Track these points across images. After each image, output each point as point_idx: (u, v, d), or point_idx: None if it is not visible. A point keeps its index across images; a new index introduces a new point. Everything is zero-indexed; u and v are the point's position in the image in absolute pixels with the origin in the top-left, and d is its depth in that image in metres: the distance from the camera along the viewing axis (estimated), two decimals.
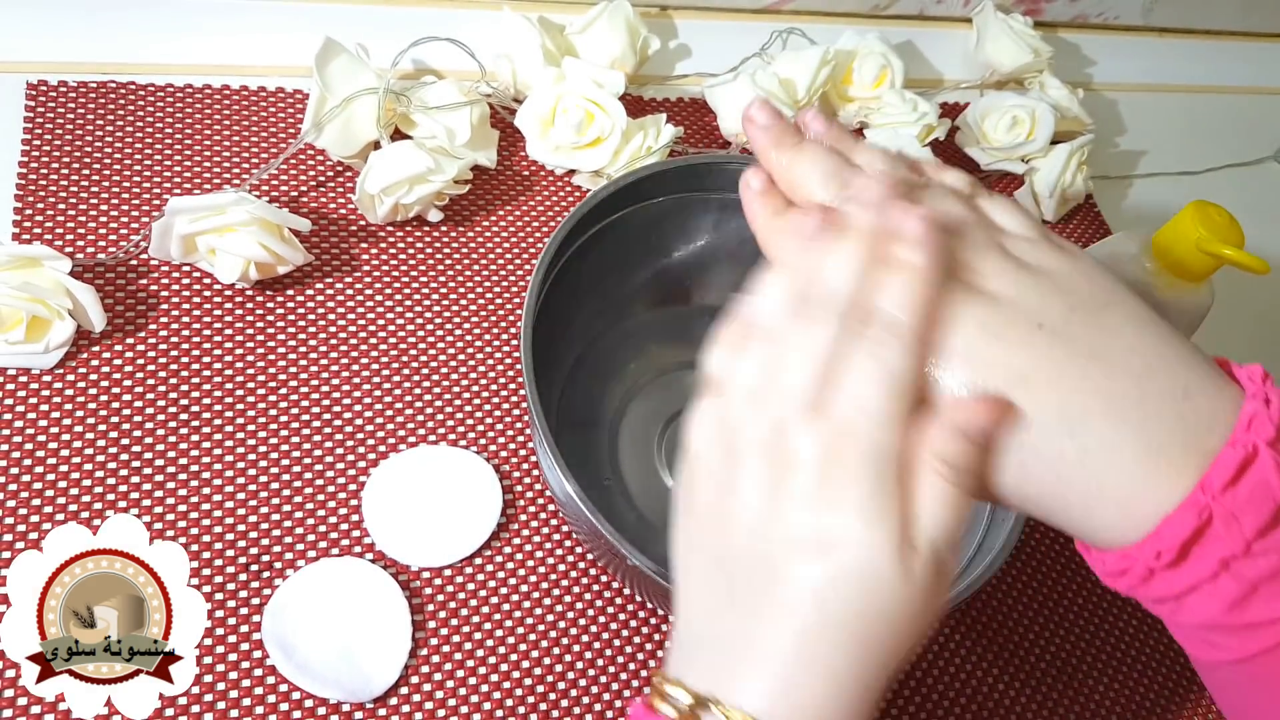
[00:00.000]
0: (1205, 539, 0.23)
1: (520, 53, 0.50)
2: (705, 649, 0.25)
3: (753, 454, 0.24)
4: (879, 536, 0.23)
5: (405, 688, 0.36)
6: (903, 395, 0.24)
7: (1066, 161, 0.56)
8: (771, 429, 0.24)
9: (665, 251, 0.45)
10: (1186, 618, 0.25)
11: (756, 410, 0.24)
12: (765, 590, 0.24)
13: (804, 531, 0.23)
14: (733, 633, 0.24)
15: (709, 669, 0.24)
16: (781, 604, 0.23)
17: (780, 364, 0.24)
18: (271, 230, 0.41)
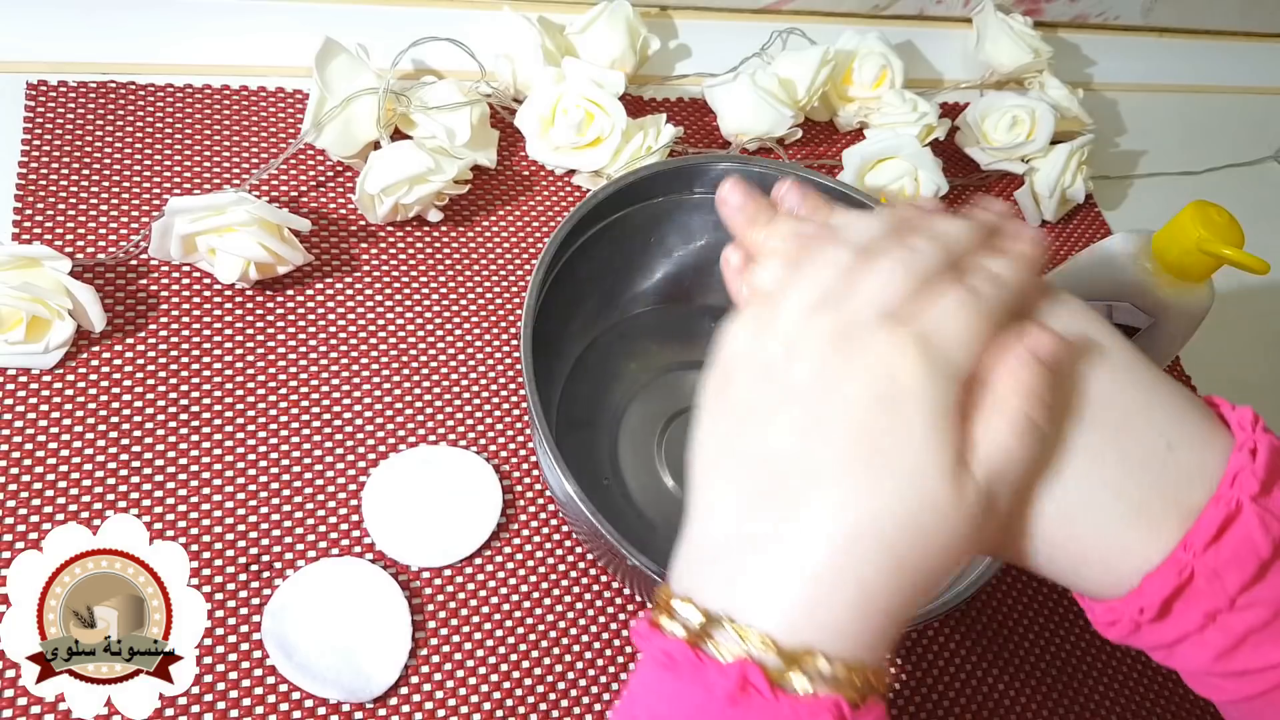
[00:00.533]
0: (1187, 595, 0.23)
1: (520, 53, 0.50)
2: (722, 562, 0.23)
3: (813, 350, 0.23)
4: (936, 453, 0.22)
5: (405, 688, 0.36)
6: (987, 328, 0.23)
7: (1066, 161, 0.56)
8: (840, 328, 0.23)
9: (665, 251, 0.45)
10: (1180, 664, 0.25)
11: (826, 309, 0.23)
12: (804, 493, 0.22)
13: (857, 436, 0.22)
14: (758, 541, 0.22)
15: (725, 583, 0.23)
16: (820, 509, 0.22)
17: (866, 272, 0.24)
18: (271, 230, 0.41)
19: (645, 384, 0.46)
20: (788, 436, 0.23)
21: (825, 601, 0.22)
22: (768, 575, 0.22)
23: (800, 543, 0.22)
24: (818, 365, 0.23)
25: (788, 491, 0.23)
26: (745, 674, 0.21)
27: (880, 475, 0.22)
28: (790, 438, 0.23)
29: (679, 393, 0.46)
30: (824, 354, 0.23)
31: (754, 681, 0.21)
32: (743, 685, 0.21)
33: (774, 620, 0.22)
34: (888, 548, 0.22)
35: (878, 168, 0.52)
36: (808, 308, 0.24)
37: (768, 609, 0.22)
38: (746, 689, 0.21)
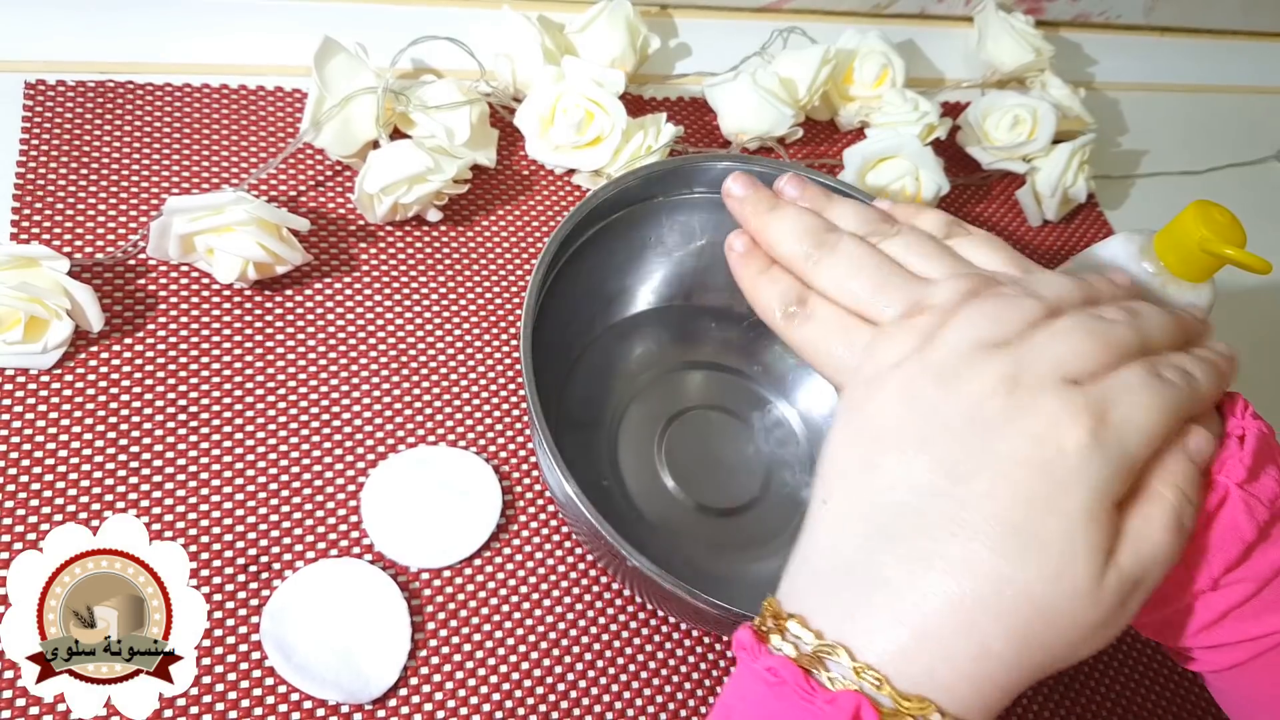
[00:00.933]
0: (1175, 573, 0.24)
1: (520, 52, 0.50)
2: (844, 591, 0.22)
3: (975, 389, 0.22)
4: (1089, 541, 0.21)
5: (404, 689, 0.36)
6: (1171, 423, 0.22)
7: (1068, 161, 0.56)
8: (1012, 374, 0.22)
9: (665, 251, 0.45)
10: (1166, 638, 0.26)
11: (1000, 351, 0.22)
12: (943, 542, 0.21)
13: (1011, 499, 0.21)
14: (886, 580, 0.21)
15: (844, 614, 0.22)
16: (959, 564, 0.21)
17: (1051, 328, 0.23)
18: (270, 230, 0.41)
19: (645, 384, 0.46)
20: (932, 475, 0.22)
21: (946, 660, 0.21)
22: (892, 618, 0.21)
23: (931, 594, 0.21)
24: (976, 406, 0.22)
25: (925, 535, 0.21)
26: (859, 709, 0.20)
27: (1028, 548, 0.21)
28: (934, 477, 0.22)
29: (679, 393, 0.46)
30: (986, 397, 0.22)
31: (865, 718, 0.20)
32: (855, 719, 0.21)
33: (892, 665, 0.21)
34: (1020, 625, 0.21)
35: (879, 167, 0.52)
36: (980, 343, 0.22)
37: (887, 651, 0.21)
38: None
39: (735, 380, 0.47)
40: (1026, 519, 0.21)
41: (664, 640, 0.40)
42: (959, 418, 0.22)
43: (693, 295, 0.47)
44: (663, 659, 0.39)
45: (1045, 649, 0.21)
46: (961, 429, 0.22)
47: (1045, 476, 0.21)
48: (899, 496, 0.22)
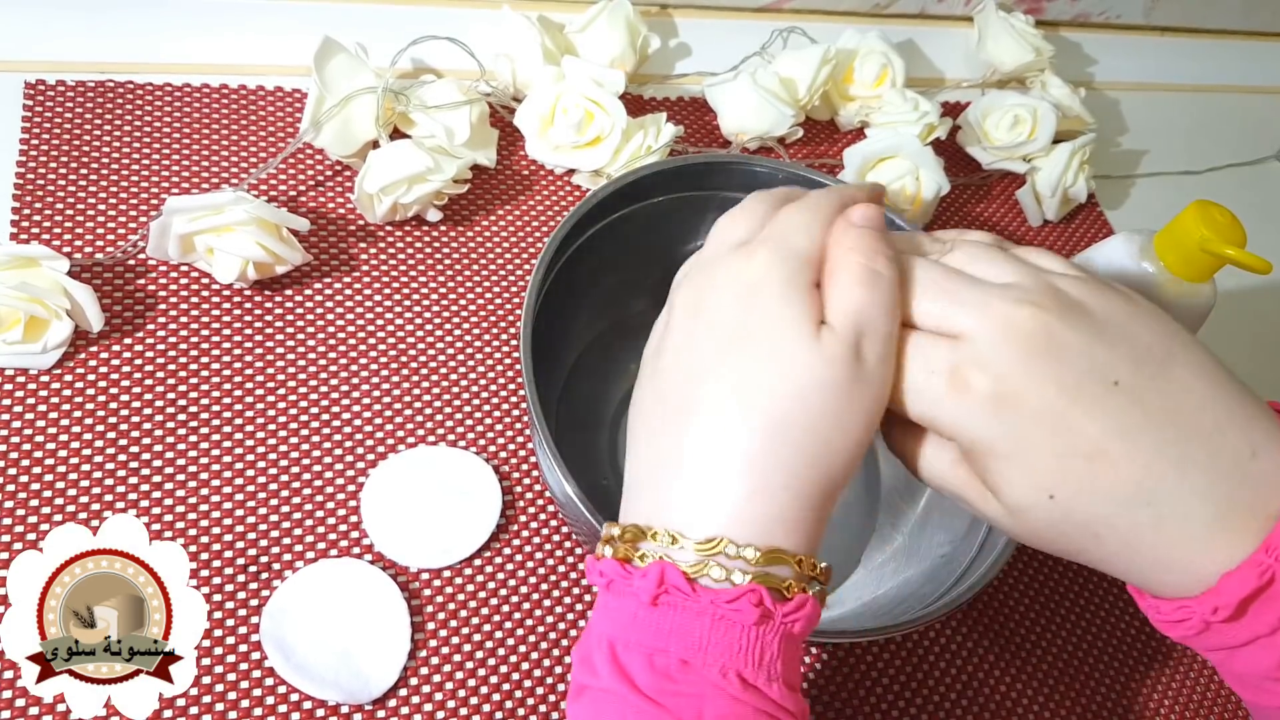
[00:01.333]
0: (1265, 598, 0.23)
1: (520, 52, 0.50)
2: (644, 489, 0.25)
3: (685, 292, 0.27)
4: (790, 318, 0.24)
5: (404, 689, 0.36)
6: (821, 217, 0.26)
7: (1068, 161, 0.56)
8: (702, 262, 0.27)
9: (666, 251, 0.45)
10: (1240, 667, 0.25)
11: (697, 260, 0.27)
12: (690, 402, 0.24)
13: (727, 338, 0.24)
14: (664, 459, 0.24)
15: (647, 506, 0.24)
16: (703, 409, 0.24)
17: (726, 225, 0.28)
18: (270, 230, 0.41)
19: None
20: (670, 358, 0.26)
21: (721, 488, 0.23)
22: (671, 481, 0.24)
23: (692, 443, 0.24)
24: (689, 297, 0.26)
25: (677, 407, 0.25)
26: (663, 573, 0.22)
27: (745, 357, 0.24)
28: (671, 358, 0.26)
29: None
30: (693, 286, 0.26)
31: (671, 580, 0.22)
32: (660, 584, 0.22)
33: (681, 518, 0.23)
34: (766, 420, 0.23)
35: (879, 167, 0.52)
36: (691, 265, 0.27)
37: (676, 510, 0.23)
38: (665, 588, 0.22)
39: None
40: (740, 337, 0.24)
41: None
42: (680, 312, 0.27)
43: None
44: None
45: (807, 432, 0.23)
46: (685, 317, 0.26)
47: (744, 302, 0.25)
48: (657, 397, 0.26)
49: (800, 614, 0.23)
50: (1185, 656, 0.46)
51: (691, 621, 0.22)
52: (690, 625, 0.22)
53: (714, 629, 0.22)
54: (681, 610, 0.22)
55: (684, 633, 0.22)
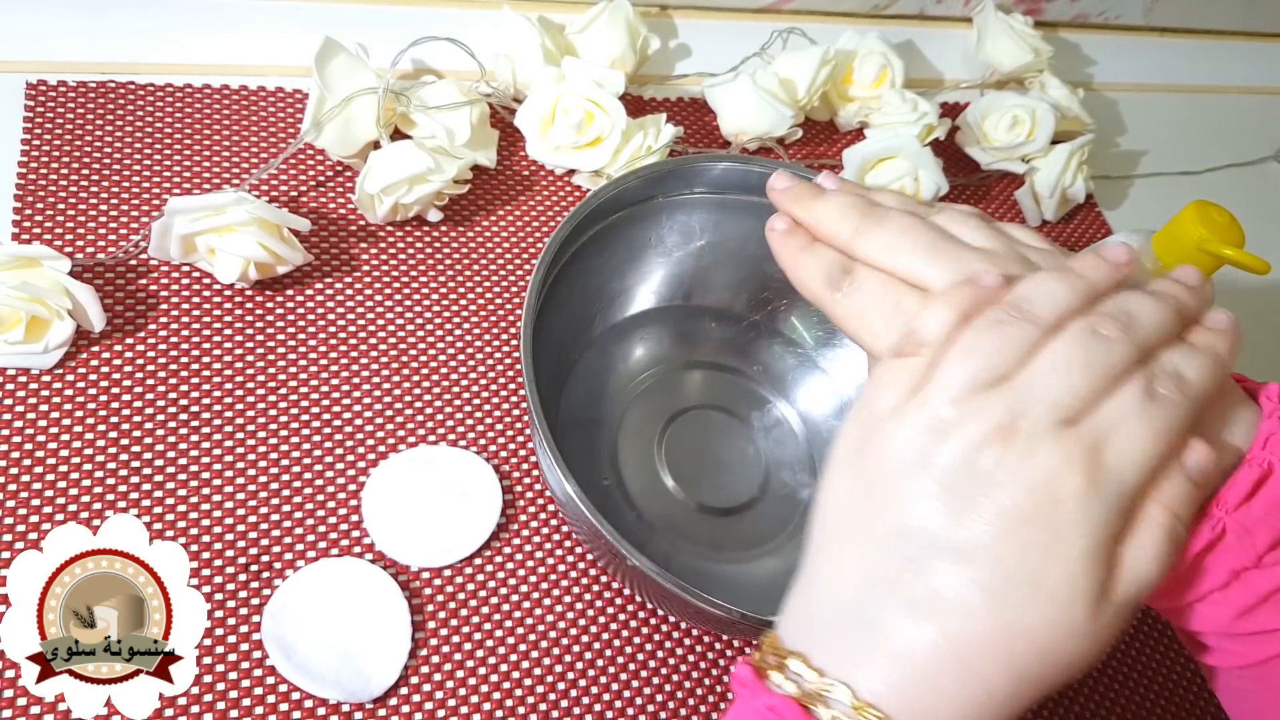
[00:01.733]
0: (1217, 551, 0.23)
1: (520, 52, 0.50)
2: (842, 632, 0.22)
3: (971, 436, 0.22)
4: (1086, 583, 0.21)
5: (405, 688, 0.36)
6: (1166, 447, 0.22)
7: (1067, 161, 0.56)
8: (1008, 421, 0.21)
9: (665, 251, 0.45)
10: (1197, 625, 0.25)
11: (996, 393, 0.22)
12: (939, 585, 0.21)
13: (1006, 545, 0.21)
14: (884, 623, 0.22)
15: (843, 655, 0.22)
16: (955, 608, 0.21)
17: (1047, 357, 0.22)
18: (271, 230, 0.41)
19: (645, 384, 0.46)
20: (928, 523, 0.22)
21: (944, 700, 0.21)
22: (890, 659, 0.21)
23: (929, 638, 0.21)
24: (973, 454, 0.22)
25: (923, 581, 0.22)
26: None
27: (1024, 593, 0.21)
28: (932, 525, 0.22)
29: (679, 393, 0.46)
30: (983, 444, 0.22)
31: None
32: None
33: (891, 704, 0.21)
34: (1018, 664, 0.21)
35: (878, 167, 0.52)
36: (976, 384, 0.22)
37: (887, 691, 0.21)
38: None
39: (735, 380, 0.47)
40: (1023, 566, 0.21)
41: (664, 640, 0.40)
42: (955, 468, 0.22)
43: (693, 295, 0.47)
44: (662, 659, 0.39)
45: (1041, 682, 0.22)
46: (958, 479, 0.22)
47: (1043, 526, 0.21)
48: (898, 542, 0.22)
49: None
50: (1185, 654, 0.46)
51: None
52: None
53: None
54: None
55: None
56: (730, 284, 0.47)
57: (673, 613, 0.40)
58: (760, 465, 0.45)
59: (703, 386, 0.47)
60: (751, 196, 0.44)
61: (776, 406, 0.47)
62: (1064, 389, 0.22)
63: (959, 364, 0.23)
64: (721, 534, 0.43)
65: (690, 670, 0.39)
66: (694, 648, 0.40)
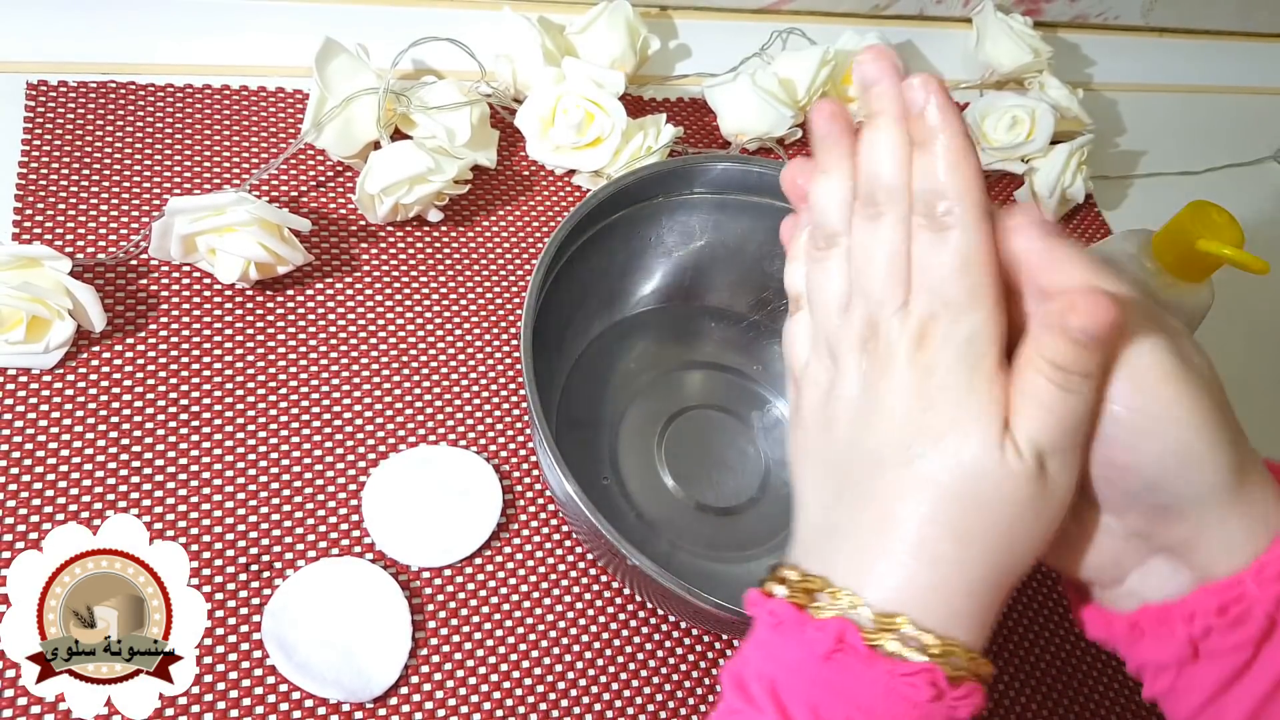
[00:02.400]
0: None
1: (520, 53, 0.50)
2: (817, 548, 0.25)
3: (850, 357, 0.25)
4: (976, 427, 0.23)
5: (405, 688, 0.36)
6: (979, 274, 0.23)
7: (1066, 161, 0.56)
8: (864, 330, 0.24)
9: (665, 251, 0.46)
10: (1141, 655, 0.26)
11: (847, 316, 0.25)
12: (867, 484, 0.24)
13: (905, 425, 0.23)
14: (841, 530, 0.24)
15: (822, 557, 0.25)
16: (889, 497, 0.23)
17: (858, 267, 0.25)
18: (271, 230, 0.41)
19: (645, 384, 0.46)
20: (846, 438, 0.25)
21: (904, 574, 0.23)
22: (852, 550, 0.24)
23: (875, 525, 0.24)
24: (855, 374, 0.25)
25: (855, 485, 0.24)
26: (842, 631, 0.22)
27: (929, 455, 0.23)
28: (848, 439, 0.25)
29: (679, 393, 0.46)
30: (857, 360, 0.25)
31: (849, 639, 0.22)
32: (839, 641, 0.22)
33: (867, 590, 0.23)
34: (950, 517, 0.23)
35: None
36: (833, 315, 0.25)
37: (859, 580, 0.23)
38: (842, 646, 0.22)
39: (735, 380, 0.47)
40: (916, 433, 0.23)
41: (664, 639, 0.40)
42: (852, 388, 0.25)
43: (693, 295, 0.47)
44: (662, 658, 0.39)
45: (989, 535, 0.23)
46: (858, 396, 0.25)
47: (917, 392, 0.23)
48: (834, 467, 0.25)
49: (968, 700, 0.23)
50: None
51: (863, 686, 0.22)
52: (860, 689, 0.22)
53: (886, 698, 0.22)
54: (854, 672, 0.22)
55: (852, 694, 0.22)
56: (730, 284, 0.47)
57: (673, 613, 0.40)
58: (760, 465, 0.45)
59: (703, 386, 0.47)
60: (751, 196, 0.44)
61: (776, 406, 0.47)
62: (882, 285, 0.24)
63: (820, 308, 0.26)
64: (721, 534, 0.43)
65: (690, 670, 0.39)
66: (694, 647, 0.40)
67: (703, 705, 0.39)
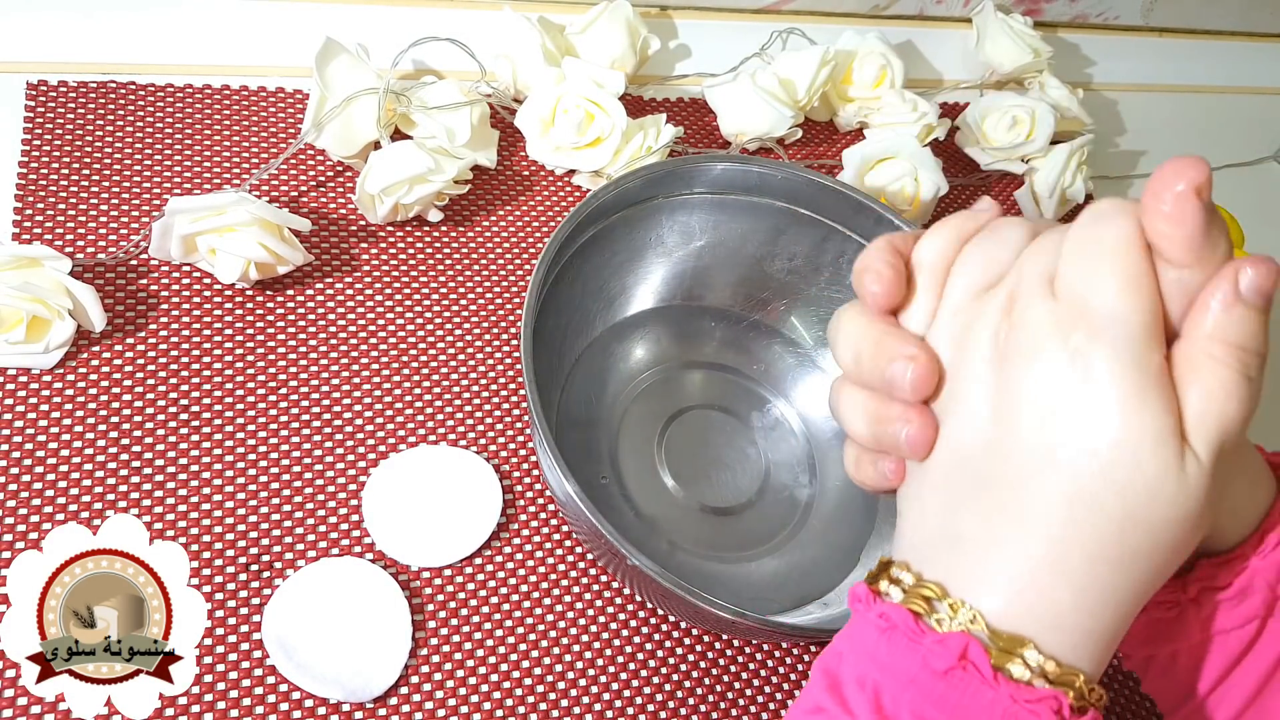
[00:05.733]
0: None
1: (520, 53, 0.50)
2: (938, 546, 0.23)
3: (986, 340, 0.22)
4: (1141, 423, 0.20)
5: (405, 688, 0.36)
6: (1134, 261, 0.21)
7: (1066, 161, 0.56)
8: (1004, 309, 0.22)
9: (665, 251, 0.46)
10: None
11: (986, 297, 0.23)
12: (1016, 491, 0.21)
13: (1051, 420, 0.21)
14: (966, 540, 0.22)
15: (940, 563, 0.22)
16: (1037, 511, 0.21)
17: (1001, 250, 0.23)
18: (271, 230, 0.41)
19: (645, 384, 0.46)
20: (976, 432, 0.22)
21: (1044, 593, 0.21)
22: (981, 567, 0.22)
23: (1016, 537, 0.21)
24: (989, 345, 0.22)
25: (990, 486, 0.22)
26: (966, 649, 0.21)
27: (1090, 467, 0.20)
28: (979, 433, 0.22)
29: (679, 393, 0.46)
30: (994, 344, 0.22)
31: (974, 658, 0.21)
32: (962, 659, 0.21)
33: (988, 602, 0.21)
34: (1110, 549, 0.20)
35: (878, 168, 0.52)
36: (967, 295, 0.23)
37: (983, 591, 0.21)
38: (965, 664, 0.21)
39: (735, 380, 0.47)
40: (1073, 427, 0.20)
41: (664, 639, 0.40)
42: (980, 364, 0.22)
43: (693, 295, 0.47)
44: (662, 658, 0.39)
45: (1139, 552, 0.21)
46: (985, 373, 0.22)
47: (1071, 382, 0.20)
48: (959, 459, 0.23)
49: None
50: None
51: (982, 707, 0.21)
52: (979, 710, 0.21)
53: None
54: (973, 693, 0.21)
55: (967, 714, 0.21)
56: (730, 284, 0.47)
57: (673, 612, 0.40)
58: (760, 465, 0.45)
59: (703, 386, 0.47)
60: (751, 196, 0.44)
61: (776, 406, 0.47)
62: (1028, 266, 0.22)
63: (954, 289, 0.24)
64: (721, 534, 0.43)
65: (690, 670, 0.39)
66: (694, 647, 0.40)
67: (702, 705, 0.39)
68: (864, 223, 0.43)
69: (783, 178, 0.43)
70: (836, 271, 0.45)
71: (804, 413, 0.47)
